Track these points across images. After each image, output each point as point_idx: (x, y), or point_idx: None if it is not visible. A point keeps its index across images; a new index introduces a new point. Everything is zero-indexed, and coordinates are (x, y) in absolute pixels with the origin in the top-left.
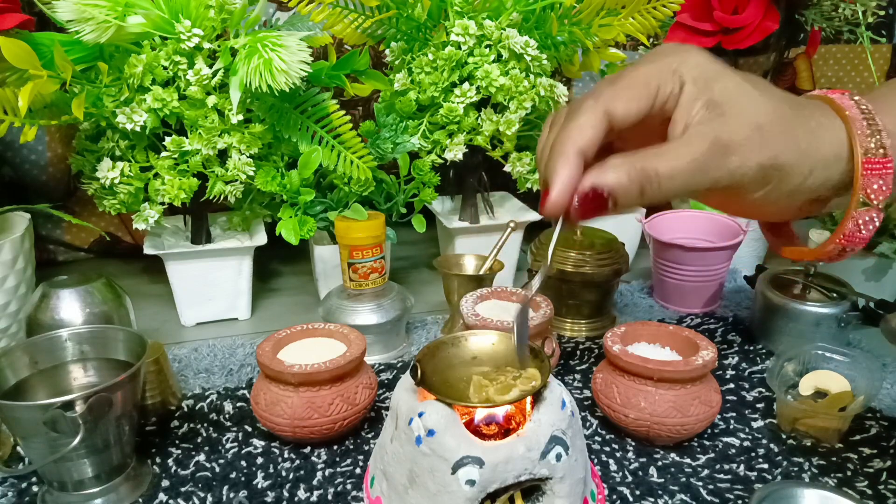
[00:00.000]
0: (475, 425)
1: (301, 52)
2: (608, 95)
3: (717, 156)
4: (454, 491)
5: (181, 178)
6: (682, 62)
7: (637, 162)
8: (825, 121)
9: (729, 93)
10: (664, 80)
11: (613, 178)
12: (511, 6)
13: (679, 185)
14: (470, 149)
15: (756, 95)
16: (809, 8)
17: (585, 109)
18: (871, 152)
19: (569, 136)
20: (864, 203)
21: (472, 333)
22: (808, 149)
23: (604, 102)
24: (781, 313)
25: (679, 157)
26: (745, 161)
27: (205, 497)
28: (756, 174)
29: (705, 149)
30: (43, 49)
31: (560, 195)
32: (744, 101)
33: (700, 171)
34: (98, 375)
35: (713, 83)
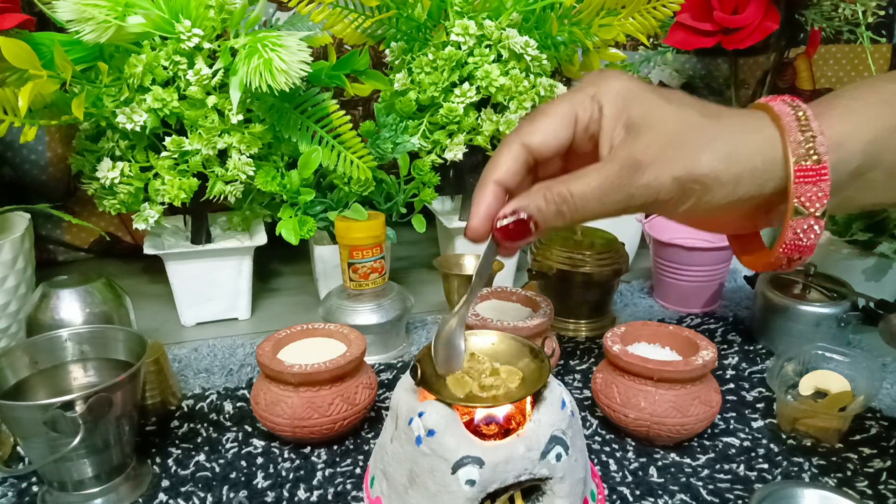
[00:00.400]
0: (475, 425)
1: (301, 52)
2: (525, 128)
3: (629, 174)
4: (454, 491)
5: (181, 178)
6: (599, 88)
7: (553, 186)
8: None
9: (644, 112)
10: (582, 107)
11: (532, 202)
12: (511, 6)
13: (595, 204)
14: (470, 149)
15: (670, 111)
16: (809, 8)
17: (504, 144)
18: (802, 159)
19: (488, 169)
20: (798, 211)
21: (472, 333)
22: (729, 156)
23: (520, 135)
24: (781, 313)
25: (593, 178)
26: (658, 176)
27: (205, 497)
28: (673, 188)
29: (617, 168)
30: (43, 49)
31: (478, 220)
32: (658, 117)
33: (613, 190)
34: (98, 375)
35: (630, 105)
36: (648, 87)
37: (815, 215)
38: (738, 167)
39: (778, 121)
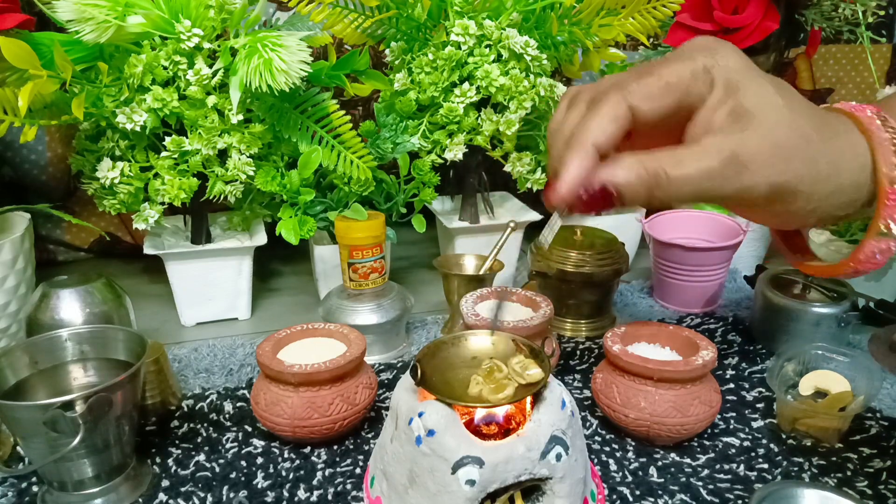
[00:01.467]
0: (475, 425)
1: (301, 52)
2: (635, 90)
3: (730, 170)
4: (454, 491)
5: (181, 178)
6: (715, 62)
7: (650, 164)
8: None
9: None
10: (695, 79)
11: (623, 176)
12: (511, 6)
13: (687, 192)
14: (470, 149)
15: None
16: (809, 8)
17: (610, 101)
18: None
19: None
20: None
21: (472, 333)
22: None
23: (629, 94)
24: (781, 313)
25: (692, 165)
26: (757, 179)
27: (205, 497)
28: (766, 193)
29: (720, 162)
30: (43, 49)
31: (569, 189)
32: (768, 114)
33: (711, 182)
34: (98, 375)
35: (741, 89)
36: (761, 72)
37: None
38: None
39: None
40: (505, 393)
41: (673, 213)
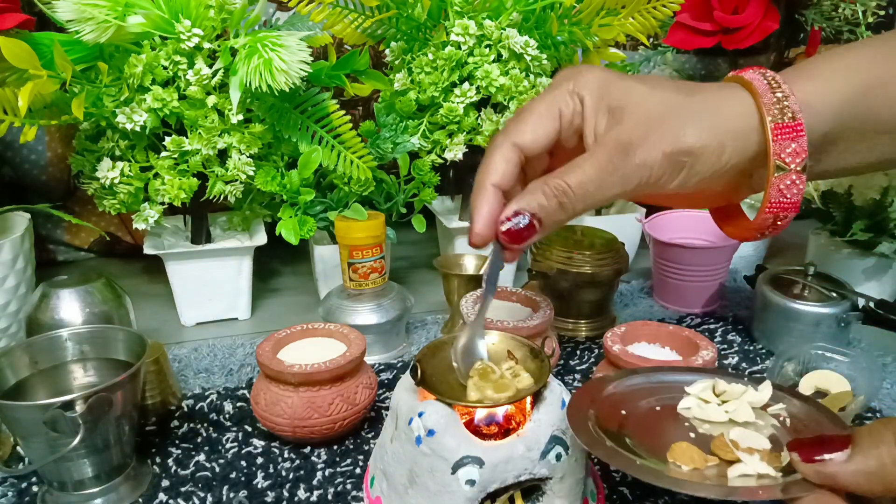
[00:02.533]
0: (475, 425)
1: (301, 52)
2: (513, 129)
3: (620, 157)
4: (454, 491)
5: (181, 178)
6: (577, 81)
7: (550, 181)
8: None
9: (623, 96)
10: (564, 101)
11: (531, 199)
12: (511, 6)
13: (593, 191)
14: (470, 149)
15: (648, 92)
16: (809, 8)
17: (493, 146)
18: (777, 118)
19: (483, 172)
20: (781, 167)
21: None
22: (711, 126)
23: (509, 136)
24: (781, 313)
25: (587, 168)
26: (649, 155)
27: (205, 497)
28: (664, 163)
29: (608, 154)
30: (43, 49)
31: (481, 225)
32: (637, 99)
33: (608, 174)
34: (98, 375)
35: (609, 92)
36: (623, 75)
37: (796, 170)
38: (721, 134)
39: (750, 86)
40: (506, 392)
41: (673, 213)
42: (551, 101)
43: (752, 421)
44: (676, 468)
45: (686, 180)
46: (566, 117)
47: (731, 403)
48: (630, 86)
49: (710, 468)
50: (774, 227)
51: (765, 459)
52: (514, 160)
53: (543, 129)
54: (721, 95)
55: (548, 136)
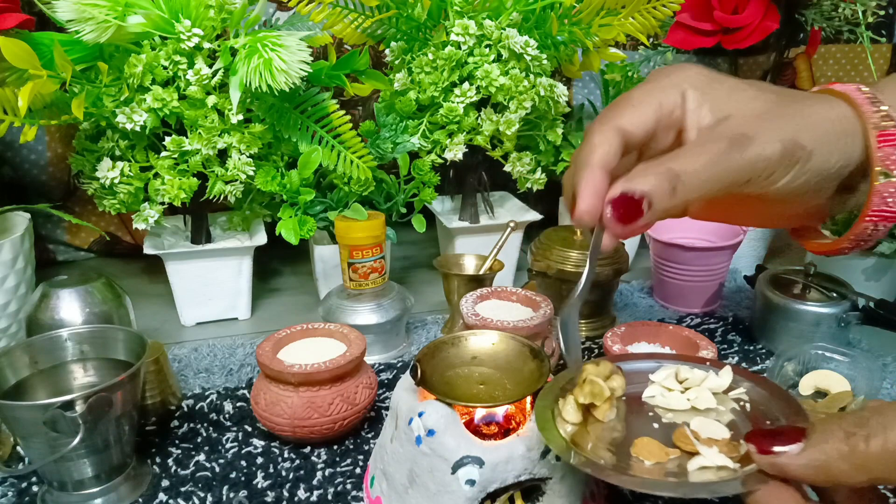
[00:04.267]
0: (475, 425)
1: (301, 51)
2: (613, 114)
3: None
4: (454, 491)
5: (181, 178)
6: (677, 76)
7: (661, 164)
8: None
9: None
10: (665, 92)
11: (641, 180)
12: (511, 6)
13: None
14: (470, 149)
15: (754, 92)
16: (809, 8)
17: (594, 131)
18: (880, 125)
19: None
20: (885, 174)
21: (472, 333)
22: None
23: (610, 120)
24: (781, 313)
25: (701, 153)
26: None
27: (205, 497)
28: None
29: (722, 144)
30: (43, 49)
31: (588, 203)
32: (744, 99)
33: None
34: (98, 375)
35: (712, 89)
36: (722, 75)
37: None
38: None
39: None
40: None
41: None
42: (650, 91)
43: (712, 407)
44: (639, 463)
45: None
46: (666, 107)
47: (693, 391)
48: (733, 86)
49: (672, 461)
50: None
51: (724, 450)
52: (615, 143)
53: (643, 116)
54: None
55: (648, 123)
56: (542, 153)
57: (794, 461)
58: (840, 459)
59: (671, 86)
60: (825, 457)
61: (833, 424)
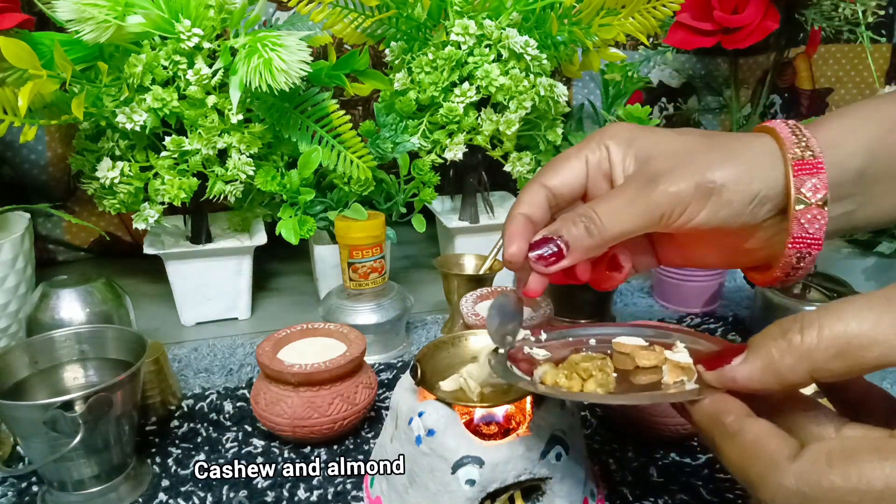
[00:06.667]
0: (475, 425)
1: (301, 51)
2: (542, 173)
3: (647, 186)
4: (454, 491)
5: (181, 178)
6: (604, 134)
7: (579, 210)
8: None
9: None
10: (591, 150)
11: (559, 225)
12: (511, 6)
13: (620, 219)
14: (470, 148)
15: (674, 137)
16: (809, 7)
17: (524, 188)
18: (798, 155)
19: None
20: (801, 201)
21: (472, 333)
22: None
23: (538, 178)
24: (781, 313)
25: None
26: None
27: (205, 497)
28: (692, 189)
29: (635, 184)
30: (43, 49)
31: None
32: (663, 144)
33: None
34: (98, 375)
35: (635, 140)
36: (648, 127)
37: (817, 204)
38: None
39: (773, 132)
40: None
41: None
42: (579, 150)
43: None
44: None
45: (715, 211)
46: (592, 162)
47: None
48: (656, 134)
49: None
50: (798, 267)
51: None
52: (542, 195)
53: (570, 172)
54: (745, 138)
55: (574, 179)
56: (542, 153)
57: (741, 369)
58: (780, 355)
59: (597, 142)
60: (767, 357)
61: (771, 327)
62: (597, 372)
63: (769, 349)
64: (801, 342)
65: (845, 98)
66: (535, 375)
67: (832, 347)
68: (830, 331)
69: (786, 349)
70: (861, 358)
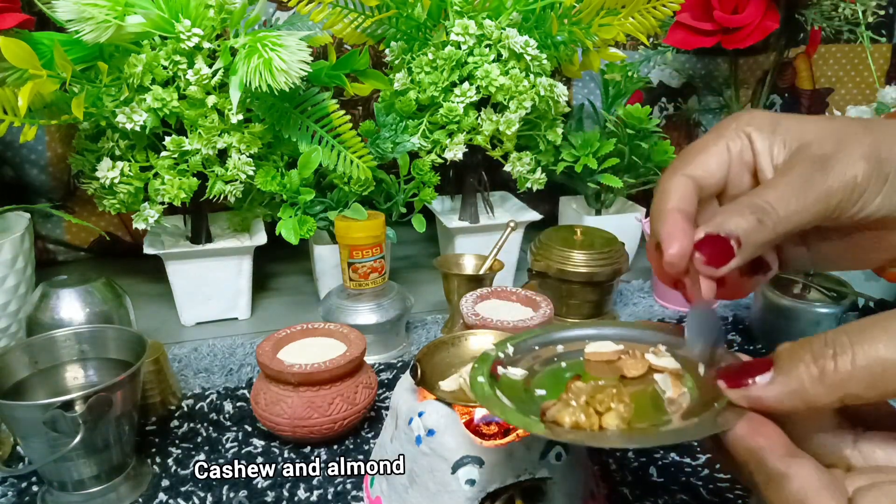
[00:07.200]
0: (475, 425)
1: (301, 51)
2: (681, 163)
3: (819, 171)
4: (454, 490)
5: (181, 178)
6: (742, 120)
7: (744, 200)
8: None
9: (799, 127)
10: (730, 137)
11: (726, 219)
12: (511, 6)
13: (795, 208)
14: (470, 148)
15: (822, 120)
16: (809, 7)
17: (664, 180)
18: None
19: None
20: None
21: (472, 333)
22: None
23: (678, 169)
24: (781, 313)
25: (782, 182)
26: (849, 165)
27: (205, 497)
28: (868, 172)
29: (803, 169)
30: (43, 49)
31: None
32: (813, 126)
33: (808, 187)
34: (98, 375)
35: (779, 126)
36: (785, 113)
37: None
38: None
39: None
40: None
41: None
42: (716, 137)
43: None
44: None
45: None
46: (734, 150)
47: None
48: (799, 118)
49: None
50: None
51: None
52: (690, 187)
53: (713, 162)
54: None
55: (717, 169)
56: (542, 153)
57: (768, 391)
58: (812, 383)
59: (736, 130)
60: (797, 383)
61: (800, 350)
62: (616, 403)
63: (799, 374)
64: (834, 371)
65: (845, 98)
66: (548, 415)
67: (866, 376)
68: (865, 358)
69: (818, 377)
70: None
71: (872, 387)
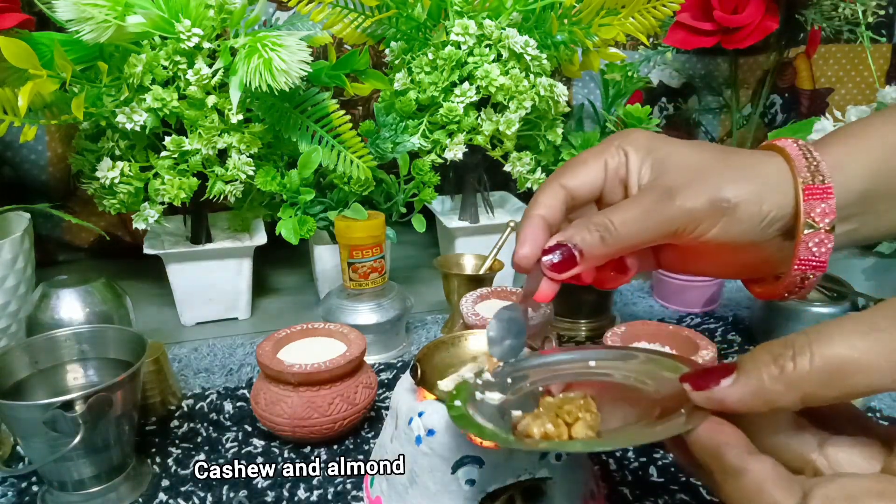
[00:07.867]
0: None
1: (301, 51)
2: (561, 173)
3: (665, 199)
4: (454, 490)
5: (181, 178)
6: (623, 139)
7: (594, 217)
8: (764, 158)
9: (666, 153)
10: (610, 154)
11: (573, 232)
12: (511, 6)
13: (635, 230)
14: (470, 148)
15: (690, 150)
16: (809, 7)
17: (541, 187)
18: (808, 179)
19: (529, 207)
20: (810, 226)
21: (472, 333)
22: (750, 178)
23: (557, 179)
24: (781, 313)
25: (630, 207)
26: (691, 197)
27: (205, 497)
28: (706, 206)
29: (651, 196)
30: (43, 49)
31: (526, 249)
32: (682, 155)
33: (651, 215)
34: (98, 375)
35: (653, 149)
36: (666, 137)
37: (825, 230)
38: (760, 186)
39: (783, 152)
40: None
41: None
42: (599, 153)
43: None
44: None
45: (727, 228)
46: (611, 167)
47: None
48: (673, 145)
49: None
50: (801, 286)
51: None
52: (559, 197)
53: (588, 175)
54: (758, 157)
55: (592, 182)
56: (542, 153)
57: (730, 392)
58: (772, 382)
59: (617, 147)
60: (758, 383)
61: (761, 351)
62: (583, 413)
63: (760, 374)
64: (793, 370)
65: (845, 98)
66: (519, 428)
67: (823, 376)
68: (822, 358)
69: (777, 376)
70: (852, 385)
71: (830, 386)
